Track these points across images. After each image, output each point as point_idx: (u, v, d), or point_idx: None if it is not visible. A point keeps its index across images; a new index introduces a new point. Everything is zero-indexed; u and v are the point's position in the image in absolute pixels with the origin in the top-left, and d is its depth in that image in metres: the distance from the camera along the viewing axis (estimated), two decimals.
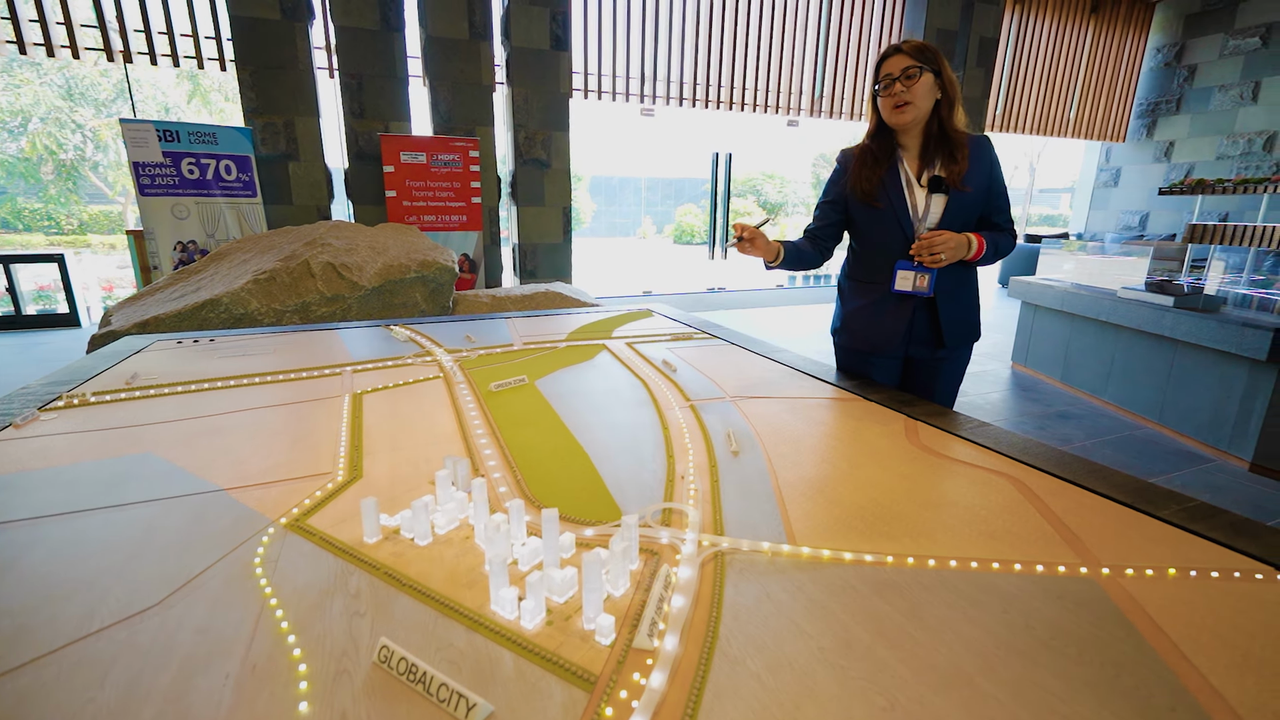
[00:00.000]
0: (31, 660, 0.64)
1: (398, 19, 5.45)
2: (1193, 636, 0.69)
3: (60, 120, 11.81)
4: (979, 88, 8.31)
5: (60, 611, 0.72)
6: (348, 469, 1.12)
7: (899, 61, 1.51)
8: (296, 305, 3.91)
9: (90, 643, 0.67)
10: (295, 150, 5.37)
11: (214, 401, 1.47)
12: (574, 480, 1.08)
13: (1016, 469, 1.13)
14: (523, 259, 6.45)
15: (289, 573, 0.80)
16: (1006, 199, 1.63)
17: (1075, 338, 3.83)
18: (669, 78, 7.05)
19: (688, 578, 0.79)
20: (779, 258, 1.67)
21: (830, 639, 0.68)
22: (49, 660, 0.64)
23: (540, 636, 0.69)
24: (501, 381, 1.61)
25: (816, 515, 0.96)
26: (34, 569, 0.80)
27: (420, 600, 0.75)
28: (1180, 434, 3.11)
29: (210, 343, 2.11)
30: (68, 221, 13.50)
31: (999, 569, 0.82)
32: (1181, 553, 0.86)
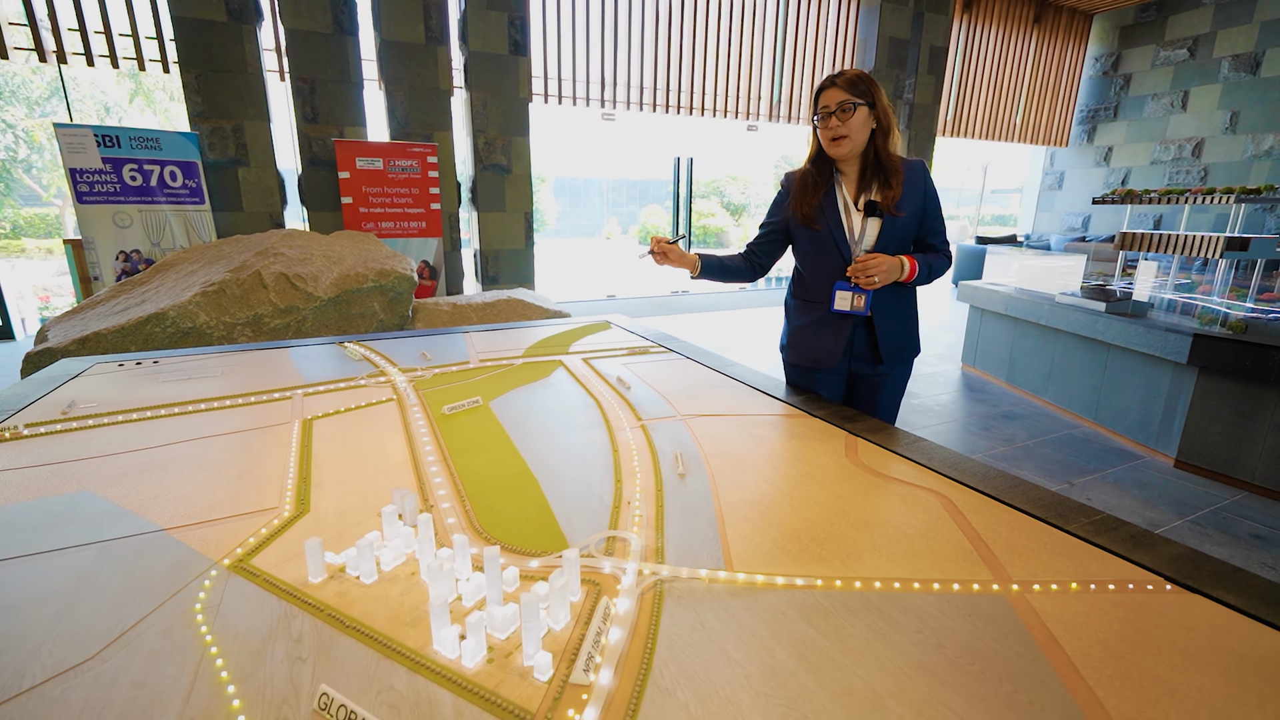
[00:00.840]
0: None
1: (350, 22, 5.35)
2: (1085, 650, 0.75)
3: None
4: (930, 94, 8.58)
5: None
6: (295, 503, 1.11)
7: (835, 95, 1.57)
8: (248, 318, 3.81)
9: (20, 703, 0.66)
10: (245, 155, 5.21)
11: (156, 431, 1.44)
12: (522, 509, 1.10)
13: (945, 485, 1.20)
14: (485, 265, 6.40)
15: (231, 618, 0.80)
16: (941, 220, 1.71)
17: (1018, 340, 4.01)
18: (629, 82, 7.08)
19: (627, 609, 0.82)
20: (698, 269, 1.79)
21: (756, 666, 0.72)
22: None
23: (480, 675, 0.71)
24: (455, 404, 1.62)
25: (754, 539, 1.00)
26: None
27: (363, 642, 0.76)
28: (1114, 432, 3.30)
29: (154, 364, 2.05)
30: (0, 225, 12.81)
31: (919, 589, 0.88)
32: (1085, 566, 0.93)
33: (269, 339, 3.91)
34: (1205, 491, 2.68)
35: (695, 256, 1.80)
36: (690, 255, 1.79)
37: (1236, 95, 8.96)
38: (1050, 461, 2.99)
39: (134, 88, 12.72)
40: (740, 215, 22.10)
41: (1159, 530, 2.37)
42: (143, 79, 12.83)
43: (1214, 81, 9.18)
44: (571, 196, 23.24)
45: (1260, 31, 8.70)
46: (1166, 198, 3.41)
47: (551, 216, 21.47)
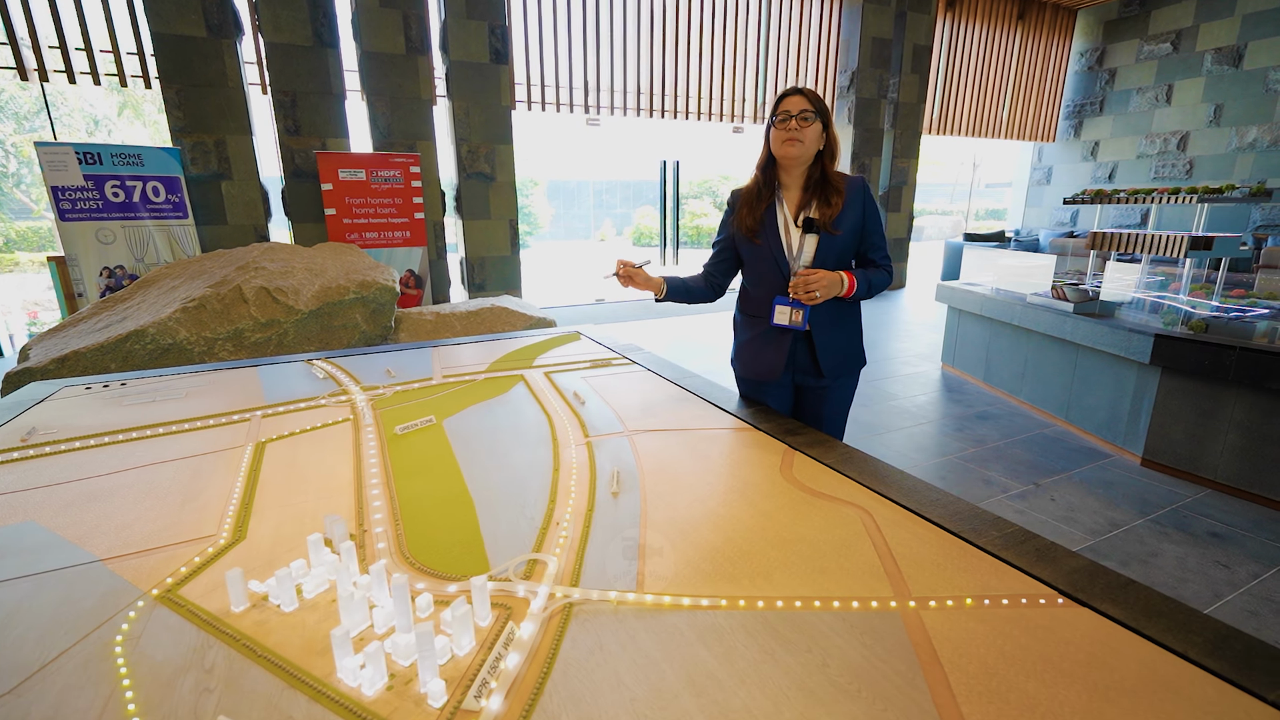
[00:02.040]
0: None
1: (331, 35, 5.38)
2: (962, 667, 0.78)
3: None
4: (914, 93, 8.62)
5: None
6: (232, 530, 1.15)
7: (798, 102, 1.61)
8: (229, 333, 3.85)
9: None
10: (228, 169, 5.25)
11: (110, 458, 1.47)
12: (453, 533, 1.13)
13: (871, 500, 1.23)
14: (471, 272, 6.44)
15: (149, 650, 0.83)
16: (881, 236, 1.74)
17: (994, 340, 4.05)
18: (613, 88, 7.12)
19: (530, 633, 0.85)
20: (664, 292, 1.81)
21: (644, 689, 0.76)
22: None
23: (378, 703, 0.74)
24: (408, 424, 1.65)
25: (672, 559, 1.03)
26: None
27: (272, 671, 0.80)
28: (1084, 431, 3.33)
29: (121, 386, 2.08)
30: None
31: (819, 607, 0.91)
32: (986, 581, 0.96)
33: (250, 353, 3.95)
34: (1169, 490, 2.72)
35: (661, 280, 1.81)
36: (656, 279, 1.80)
37: (1220, 88, 9.00)
38: (1019, 462, 3.02)
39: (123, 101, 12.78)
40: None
41: (1119, 530, 2.40)
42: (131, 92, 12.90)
43: (1197, 75, 9.22)
44: (565, 199, 23.29)
45: (1242, 24, 8.73)
46: (1135, 198, 3.44)
47: (545, 219, 21.53)
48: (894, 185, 8.91)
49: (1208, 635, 0.83)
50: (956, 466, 2.98)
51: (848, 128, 8.38)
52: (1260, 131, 8.62)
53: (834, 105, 8.55)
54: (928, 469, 2.96)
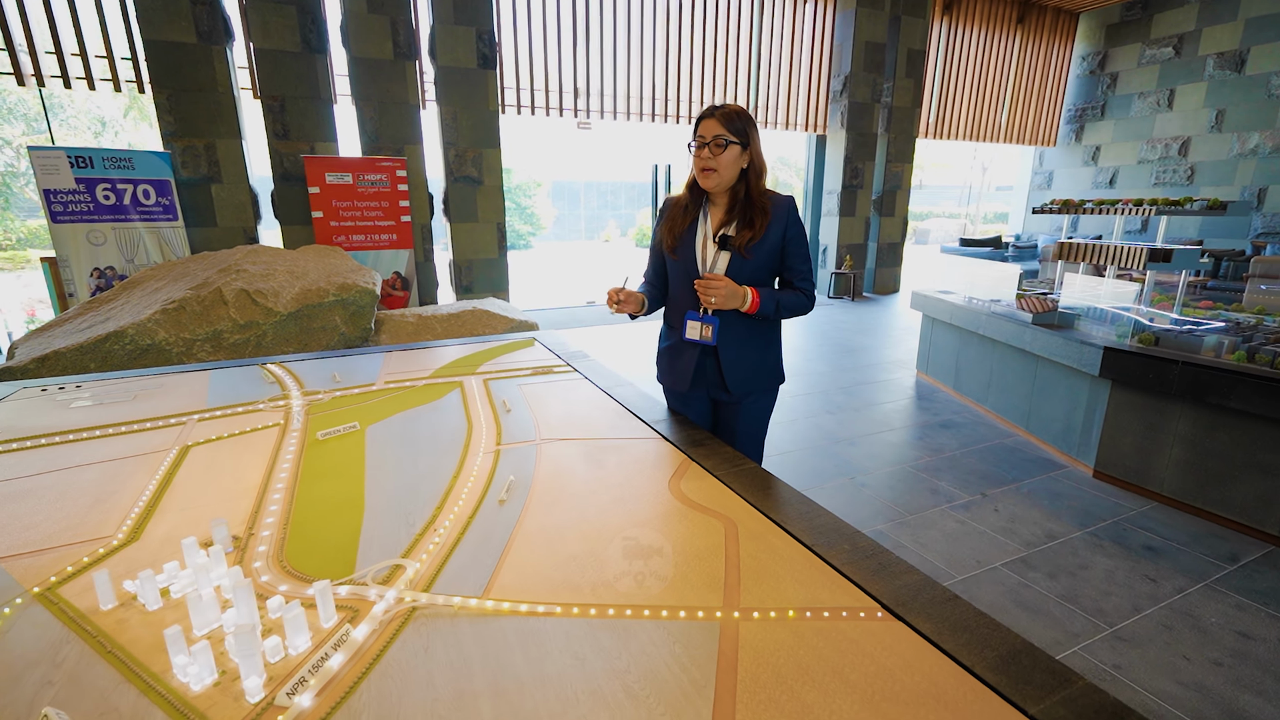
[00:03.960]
0: None
1: (320, 41, 5.48)
2: (755, 676, 0.83)
3: None
4: (909, 97, 8.60)
5: None
6: (129, 532, 1.21)
7: (711, 127, 1.61)
8: (207, 334, 3.95)
9: None
10: (218, 173, 5.37)
11: (40, 460, 1.55)
12: (333, 537, 1.19)
13: (742, 511, 1.27)
14: (459, 274, 6.52)
15: (11, 644, 0.90)
16: (803, 259, 1.74)
17: (963, 349, 4.06)
18: (602, 92, 7.17)
19: (364, 634, 0.91)
20: (644, 308, 1.82)
21: (448, 691, 0.81)
22: None
23: (201, 698, 0.80)
24: (329, 430, 1.71)
25: (528, 567, 1.09)
26: None
27: (115, 667, 0.86)
28: (1042, 442, 3.34)
29: (76, 389, 2.16)
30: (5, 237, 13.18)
31: (648, 616, 0.96)
32: (817, 594, 1.00)
33: (228, 354, 4.04)
34: (1115, 502, 2.73)
35: (642, 296, 1.79)
36: (639, 295, 1.78)
37: (1222, 93, 8.90)
38: (971, 472, 3.04)
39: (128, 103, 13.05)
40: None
41: (1055, 542, 2.42)
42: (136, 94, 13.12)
43: (1199, 80, 9.12)
44: (570, 200, 23.41)
45: (1245, 29, 8.63)
46: (1099, 209, 3.45)
47: (548, 220, 21.65)
48: (888, 190, 8.89)
49: (1001, 651, 0.87)
50: (907, 475, 3.01)
51: (840, 132, 8.38)
52: (1263, 137, 8.52)
53: (827, 109, 8.55)
54: (878, 477, 2.99)
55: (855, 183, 8.57)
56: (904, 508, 2.68)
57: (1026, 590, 2.12)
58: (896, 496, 2.79)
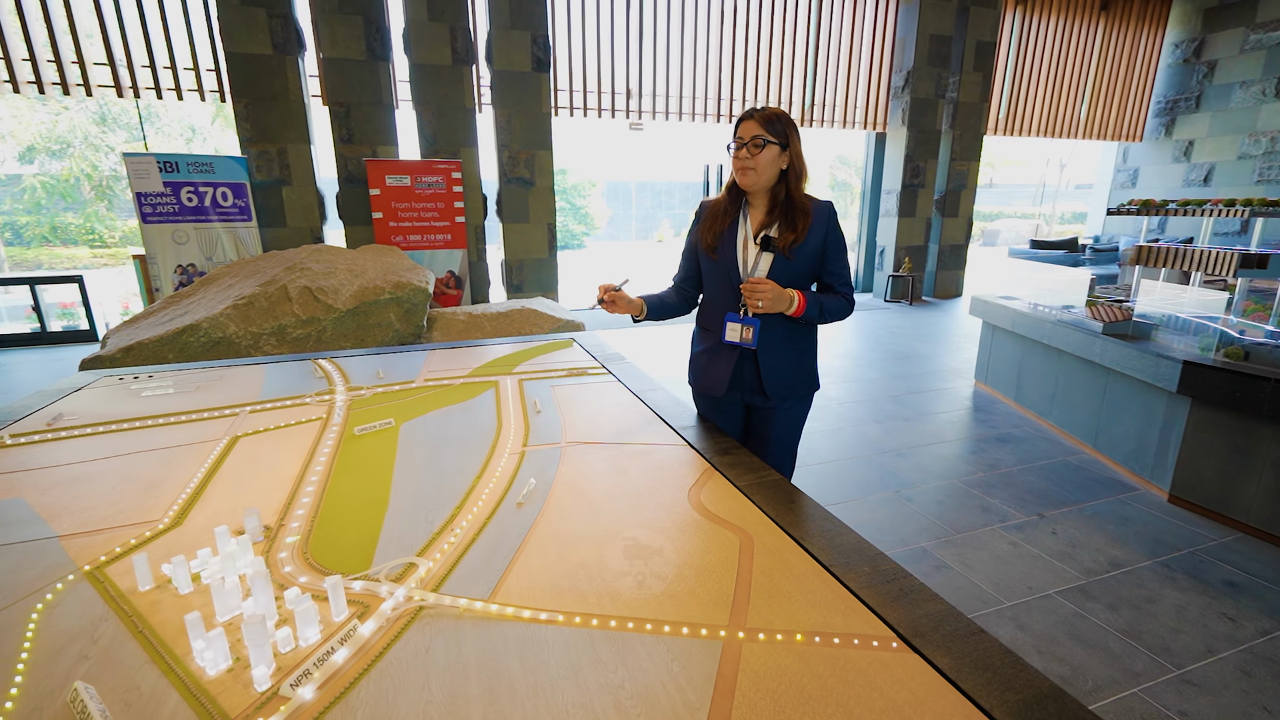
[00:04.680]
0: None
1: (383, 49, 5.71)
2: (753, 700, 0.80)
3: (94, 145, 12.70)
4: (977, 92, 8.20)
5: None
6: (174, 517, 1.29)
7: (750, 128, 1.60)
8: (273, 329, 4.18)
9: None
10: (289, 176, 5.68)
11: (107, 445, 1.67)
12: (355, 533, 1.22)
13: (761, 526, 1.23)
14: (509, 274, 6.66)
15: (56, 619, 0.97)
16: (842, 264, 1.71)
17: (1026, 358, 3.82)
18: (654, 92, 7.17)
19: (370, 630, 0.93)
20: (644, 312, 1.81)
21: (443, 693, 0.82)
22: None
23: (214, 683, 0.84)
24: (366, 426, 1.77)
25: (537, 572, 1.09)
26: None
27: (144, 646, 0.91)
28: (1112, 461, 3.10)
29: (149, 379, 2.33)
30: (109, 235, 14.43)
31: (650, 630, 0.94)
32: (828, 618, 0.96)
33: (291, 348, 4.27)
34: (1193, 531, 2.50)
35: (640, 300, 1.79)
36: (636, 299, 1.78)
37: None
38: (1028, 490, 2.86)
39: (215, 111, 14.01)
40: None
41: (1119, 571, 2.24)
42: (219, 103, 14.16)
43: None
44: (623, 200, 23.54)
45: None
46: (1184, 210, 3.17)
47: (601, 220, 21.85)
48: (951, 189, 8.50)
49: (1025, 695, 0.81)
50: (957, 491, 2.85)
51: (901, 129, 8.07)
52: None
53: (888, 106, 8.26)
54: (924, 492, 2.85)
55: (916, 182, 8.23)
56: (951, 525, 2.55)
57: (1083, 622, 1.97)
58: (944, 513, 2.66)
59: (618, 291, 1.74)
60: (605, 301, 1.72)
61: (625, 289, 1.77)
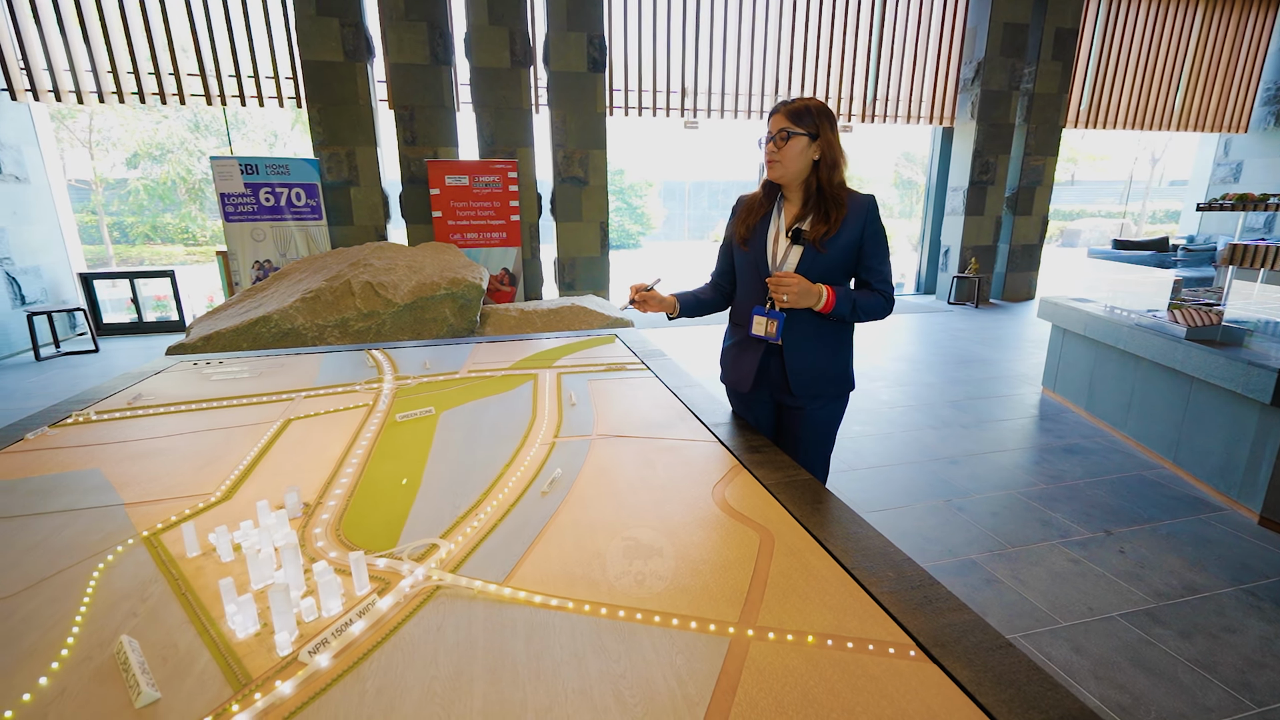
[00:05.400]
0: None
1: (446, 54, 5.92)
2: (756, 700, 0.78)
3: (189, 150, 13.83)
4: (1055, 82, 7.72)
5: None
6: (225, 491, 1.37)
7: (777, 121, 1.58)
8: (336, 321, 4.40)
9: None
10: (356, 177, 5.96)
11: (176, 423, 1.80)
12: (385, 514, 1.27)
13: (784, 525, 1.20)
14: (562, 272, 6.76)
15: (113, 578, 1.05)
16: (882, 260, 1.63)
17: (1099, 365, 3.57)
18: (710, 90, 7.11)
19: (388, 605, 0.96)
20: (677, 310, 1.82)
21: (448, 670, 0.84)
22: None
23: (241, 645, 0.89)
24: (407, 413, 1.84)
25: (553, 559, 1.10)
26: None
27: (185, 608, 0.97)
28: (1194, 477, 2.85)
29: (220, 364, 2.50)
30: (201, 234, 15.63)
31: (658, 623, 0.93)
32: (844, 622, 0.92)
33: (353, 340, 4.48)
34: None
35: (673, 299, 1.82)
36: (668, 297, 1.81)
37: None
38: (1095, 505, 2.66)
39: (294, 117, 14.94)
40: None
41: (1195, 596, 2.05)
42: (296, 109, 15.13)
43: None
44: (679, 199, 23.50)
45: None
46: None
47: (657, 220, 21.88)
48: (1025, 186, 8.04)
49: (1052, 715, 0.75)
50: (1015, 503, 2.69)
51: (970, 123, 7.69)
52: None
53: (955, 99, 7.89)
54: (978, 502, 2.71)
55: (985, 178, 7.83)
56: (1006, 538, 2.41)
57: (1149, 648, 1.82)
58: (999, 525, 2.51)
59: (649, 291, 1.75)
60: (636, 301, 1.74)
61: (657, 288, 1.78)
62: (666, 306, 1.79)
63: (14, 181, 5.77)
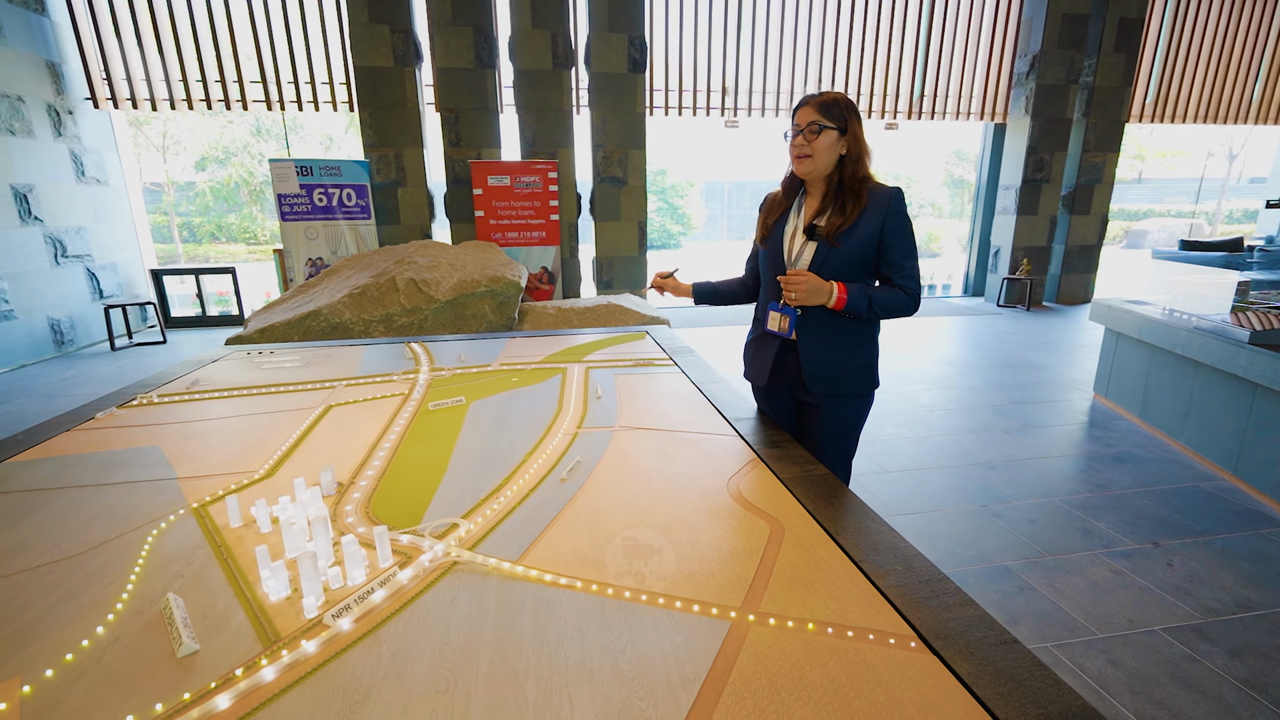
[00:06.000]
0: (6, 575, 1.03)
1: (491, 57, 6.07)
2: (750, 680, 0.79)
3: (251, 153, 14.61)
4: (1118, 75, 7.36)
5: (11, 558, 1.11)
6: (268, 470, 1.47)
7: (806, 114, 1.57)
8: (381, 316, 4.57)
9: (33, 573, 1.05)
10: (404, 178, 6.18)
11: (229, 406, 1.93)
12: (413, 494, 1.33)
13: (796, 516, 1.21)
14: (600, 270, 6.84)
15: (164, 544, 1.14)
16: (905, 254, 1.59)
17: (1155, 370, 3.39)
18: (751, 88, 7.07)
19: (408, 577, 1.02)
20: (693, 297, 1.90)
21: (459, 639, 0.88)
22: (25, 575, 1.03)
23: (272, 607, 0.96)
24: (440, 401, 1.91)
25: (566, 541, 1.13)
26: (10, 526, 1.22)
27: (225, 572, 1.05)
28: (1255, 490, 2.68)
29: (271, 354, 2.64)
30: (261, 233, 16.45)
31: (662, 604, 0.95)
32: (846, 611, 0.93)
33: (397, 333, 4.65)
34: None
35: (689, 286, 1.93)
36: (685, 285, 1.92)
37: None
38: (1144, 516, 2.53)
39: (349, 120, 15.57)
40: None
41: (1249, 614, 1.94)
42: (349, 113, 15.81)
43: None
44: (723, 199, 23.35)
45: None
46: None
47: (699, 220, 21.81)
48: (1082, 183, 7.68)
49: (1050, 711, 0.74)
50: (1056, 510, 2.59)
51: (1024, 119, 7.40)
52: None
53: (1008, 94, 7.60)
54: (1017, 508, 2.62)
55: (1039, 176, 7.52)
56: (1044, 545, 2.33)
57: (1193, 665, 1.73)
58: (1037, 532, 2.43)
59: (669, 277, 1.85)
60: (656, 286, 1.86)
61: (677, 275, 1.89)
62: (684, 292, 1.93)
63: (95, 184, 6.21)
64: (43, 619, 0.94)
